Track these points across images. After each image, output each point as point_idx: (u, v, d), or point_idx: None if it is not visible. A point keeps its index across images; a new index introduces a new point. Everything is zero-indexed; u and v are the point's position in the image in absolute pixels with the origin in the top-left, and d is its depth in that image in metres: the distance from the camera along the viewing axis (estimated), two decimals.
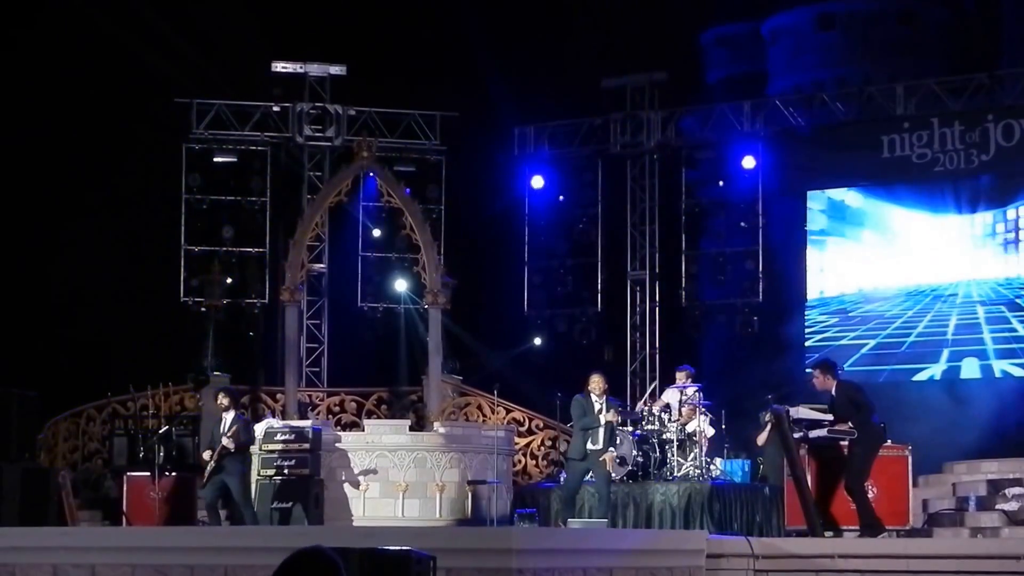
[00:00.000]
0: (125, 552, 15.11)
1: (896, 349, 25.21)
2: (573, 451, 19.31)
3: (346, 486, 21.76)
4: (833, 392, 17.04)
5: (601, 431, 18.77)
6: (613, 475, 19.54)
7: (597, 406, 18.87)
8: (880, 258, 25.90)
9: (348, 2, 32.82)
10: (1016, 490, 19.78)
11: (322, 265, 27.44)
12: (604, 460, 18.79)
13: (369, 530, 19.01)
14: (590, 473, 18.92)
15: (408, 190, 25.78)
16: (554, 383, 23.05)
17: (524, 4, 39.44)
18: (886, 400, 18.00)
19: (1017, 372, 24.26)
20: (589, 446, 18.82)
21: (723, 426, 21.67)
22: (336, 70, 27.64)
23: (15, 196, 26.36)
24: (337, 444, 22.00)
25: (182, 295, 26.49)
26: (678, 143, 27.57)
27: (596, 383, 19.09)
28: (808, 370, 18.45)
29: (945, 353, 25.10)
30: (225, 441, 19.37)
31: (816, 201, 26.48)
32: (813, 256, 26.36)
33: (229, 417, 19.73)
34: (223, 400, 19.96)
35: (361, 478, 21.78)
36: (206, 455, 19.57)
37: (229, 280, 26.43)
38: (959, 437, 23.19)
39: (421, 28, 30.84)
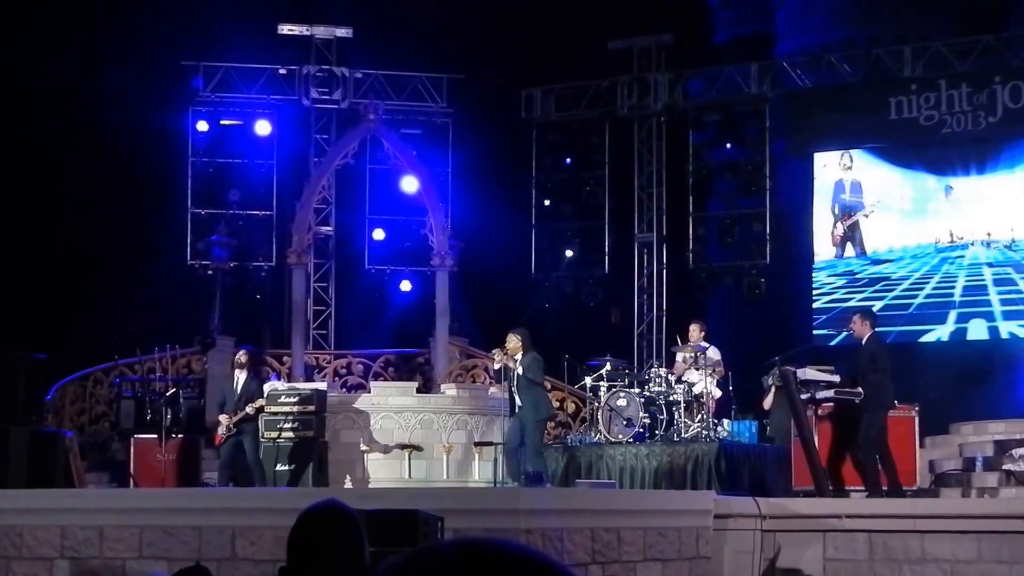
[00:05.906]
0: (132, 514, 15.19)
1: (903, 311, 25.19)
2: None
3: (354, 447, 21.80)
4: (863, 342, 17.64)
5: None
6: (620, 436, 19.68)
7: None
8: (888, 220, 25.85)
9: None
10: (1023, 451, 19.82)
11: (329, 227, 27.41)
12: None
13: (376, 491, 19.07)
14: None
15: (415, 152, 25.74)
16: (561, 346, 23.02)
17: None
18: (893, 361, 18.03)
19: None
20: None
21: (730, 387, 21.67)
22: (342, 32, 27.53)
23: (20, 158, 26.30)
24: (355, 405, 22.04)
25: (189, 258, 26.50)
26: (685, 105, 27.49)
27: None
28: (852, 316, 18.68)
29: (952, 315, 25.08)
30: (250, 409, 19.43)
31: (824, 162, 26.42)
32: (826, 218, 26.30)
33: (242, 377, 19.75)
34: (241, 357, 19.97)
35: (377, 447, 21.83)
36: (223, 417, 19.56)
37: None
38: (966, 398, 23.23)
39: None
